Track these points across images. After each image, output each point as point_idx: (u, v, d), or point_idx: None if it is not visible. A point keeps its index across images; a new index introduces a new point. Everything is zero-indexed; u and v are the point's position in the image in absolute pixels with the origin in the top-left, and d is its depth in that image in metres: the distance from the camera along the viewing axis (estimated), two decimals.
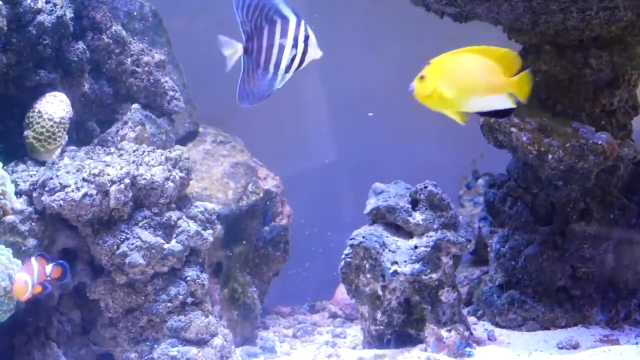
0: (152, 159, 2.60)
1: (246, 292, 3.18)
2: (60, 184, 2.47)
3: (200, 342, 2.58)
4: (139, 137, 2.83)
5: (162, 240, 2.54)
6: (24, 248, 2.44)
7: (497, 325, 3.05)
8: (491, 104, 2.06)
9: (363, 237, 2.77)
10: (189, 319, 2.57)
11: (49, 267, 2.33)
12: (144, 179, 2.54)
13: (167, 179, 2.59)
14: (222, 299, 3.10)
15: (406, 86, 4.47)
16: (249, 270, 3.26)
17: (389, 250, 2.75)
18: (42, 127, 2.59)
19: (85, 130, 2.89)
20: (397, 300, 2.75)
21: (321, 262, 3.79)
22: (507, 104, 2.05)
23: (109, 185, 2.49)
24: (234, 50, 1.97)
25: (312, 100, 4.13)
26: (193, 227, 2.60)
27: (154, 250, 2.52)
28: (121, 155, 2.63)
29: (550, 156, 2.78)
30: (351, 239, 2.79)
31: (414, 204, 2.85)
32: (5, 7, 2.53)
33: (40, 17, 2.62)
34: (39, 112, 2.60)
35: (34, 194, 2.51)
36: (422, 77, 2.05)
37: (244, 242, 3.22)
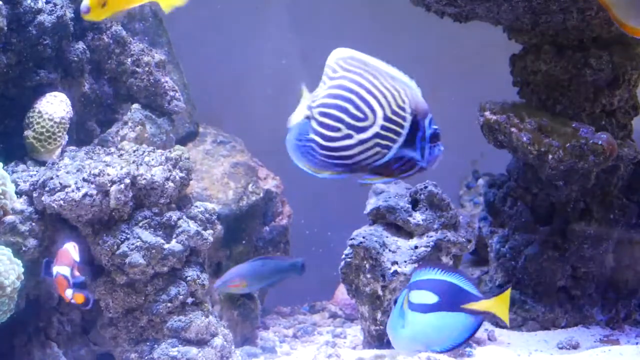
0: (153, 159, 2.60)
1: None
2: (61, 184, 2.47)
3: (201, 342, 2.58)
4: (139, 137, 2.84)
5: (162, 240, 2.54)
6: (24, 248, 2.44)
7: (497, 325, 3.05)
8: None
9: (363, 237, 2.77)
10: (189, 319, 2.57)
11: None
12: (144, 179, 2.54)
13: (168, 179, 2.59)
14: (222, 299, 3.10)
15: None
16: None
17: (389, 251, 2.75)
18: (42, 127, 2.59)
19: (86, 130, 2.89)
20: None
21: (321, 262, 3.79)
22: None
23: (109, 185, 2.49)
24: None
25: None
26: (193, 227, 2.60)
27: (154, 250, 2.52)
28: (121, 155, 2.63)
29: (550, 156, 2.78)
30: (351, 239, 2.79)
31: (414, 204, 2.85)
32: (6, 7, 2.53)
33: (40, 17, 2.62)
34: (39, 112, 2.60)
35: (34, 194, 2.51)
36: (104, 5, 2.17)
37: (244, 242, 3.23)
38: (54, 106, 2.62)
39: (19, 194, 2.52)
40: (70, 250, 2.33)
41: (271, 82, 4.13)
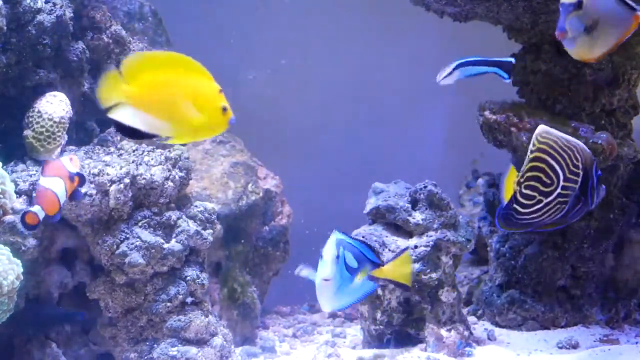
0: (152, 159, 2.60)
1: (246, 292, 3.18)
2: None
3: (200, 342, 2.58)
4: None
5: (161, 240, 2.54)
6: (23, 248, 2.43)
7: (497, 324, 3.05)
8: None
9: (362, 237, 2.77)
10: (189, 318, 2.57)
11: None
12: (144, 178, 2.54)
13: (167, 178, 2.59)
14: (221, 298, 3.10)
15: (407, 85, 4.45)
16: (248, 270, 3.26)
17: (389, 250, 2.75)
18: (42, 126, 2.59)
19: (85, 130, 2.89)
20: (396, 300, 2.75)
21: None
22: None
23: (108, 185, 2.49)
24: None
25: (313, 100, 4.14)
26: (193, 226, 2.60)
27: (153, 250, 2.52)
28: (121, 155, 2.63)
29: None
30: None
31: (414, 203, 2.85)
32: (5, 7, 2.52)
33: (39, 17, 2.61)
34: (39, 111, 2.60)
35: (34, 194, 2.50)
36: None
37: (244, 242, 3.22)
38: (54, 106, 2.62)
39: (19, 193, 2.51)
40: (66, 163, 2.21)
41: (271, 82, 4.13)
